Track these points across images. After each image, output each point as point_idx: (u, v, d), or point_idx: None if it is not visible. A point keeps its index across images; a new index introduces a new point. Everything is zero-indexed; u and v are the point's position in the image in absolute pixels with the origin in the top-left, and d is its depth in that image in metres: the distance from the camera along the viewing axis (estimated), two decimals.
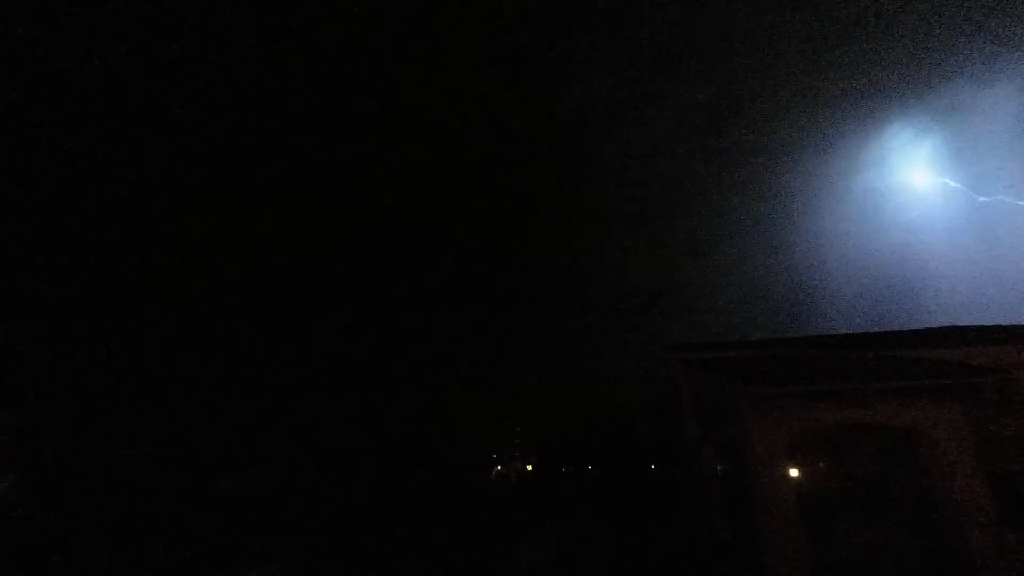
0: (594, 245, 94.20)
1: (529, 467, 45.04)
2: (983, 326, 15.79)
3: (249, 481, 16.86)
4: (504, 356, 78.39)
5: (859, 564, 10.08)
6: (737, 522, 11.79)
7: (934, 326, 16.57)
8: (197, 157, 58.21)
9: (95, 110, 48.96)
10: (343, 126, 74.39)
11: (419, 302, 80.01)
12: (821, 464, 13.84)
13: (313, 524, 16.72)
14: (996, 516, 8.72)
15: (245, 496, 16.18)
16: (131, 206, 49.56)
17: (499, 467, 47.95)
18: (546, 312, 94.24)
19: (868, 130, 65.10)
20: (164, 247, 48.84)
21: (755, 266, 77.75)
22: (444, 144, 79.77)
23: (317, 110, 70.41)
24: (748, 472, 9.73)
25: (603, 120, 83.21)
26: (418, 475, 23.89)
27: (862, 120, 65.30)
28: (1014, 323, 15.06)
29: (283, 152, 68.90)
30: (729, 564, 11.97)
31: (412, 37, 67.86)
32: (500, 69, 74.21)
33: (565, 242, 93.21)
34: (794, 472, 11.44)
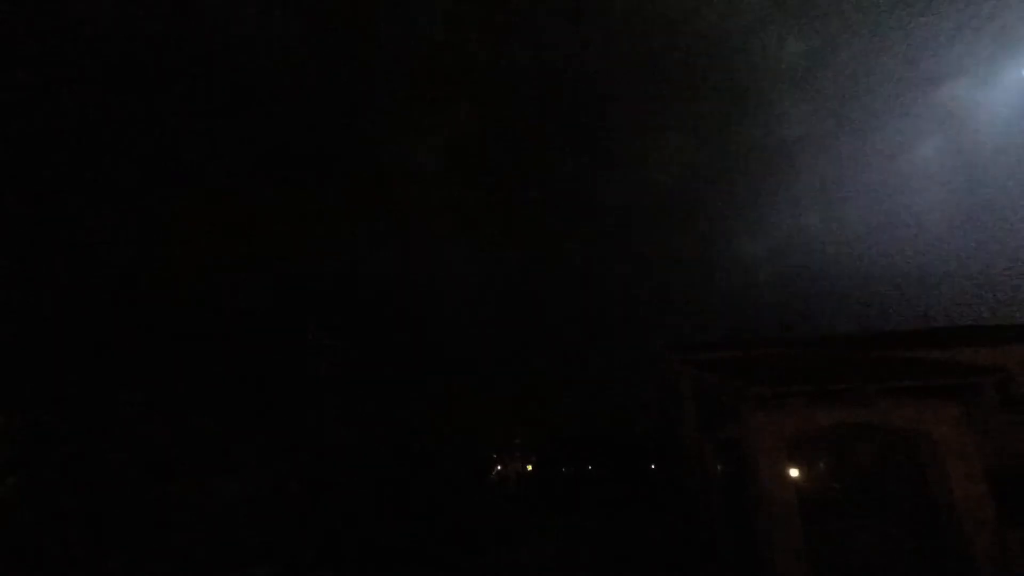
0: (594, 244, 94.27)
1: (529, 467, 45.00)
2: (983, 326, 15.80)
3: (243, 480, 16.81)
4: (505, 356, 78.37)
5: (859, 564, 10.07)
6: (737, 522, 11.79)
7: (934, 326, 16.55)
8: (196, 156, 58.24)
9: (94, 108, 48.97)
10: (346, 125, 74.42)
11: (418, 302, 80.00)
12: (821, 464, 13.86)
13: (310, 524, 16.70)
14: (996, 516, 8.72)
15: (239, 495, 16.14)
16: (130, 205, 49.55)
17: (499, 467, 47.94)
18: (546, 312, 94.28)
19: (871, 129, 65.13)
20: (164, 246, 48.82)
21: (756, 266, 77.75)
22: (443, 143, 79.82)
23: (317, 109, 70.44)
24: (748, 472, 9.73)
25: (605, 118, 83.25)
26: (418, 475, 23.88)
27: (865, 119, 65.30)
28: (1014, 323, 15.06)
29: (283, 151, 68.92)
30: (729, 564, 11.97)
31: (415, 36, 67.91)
32: (500, 68, 74.23)
33: (566, 242, 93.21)
34: (794, 472, 11.43)
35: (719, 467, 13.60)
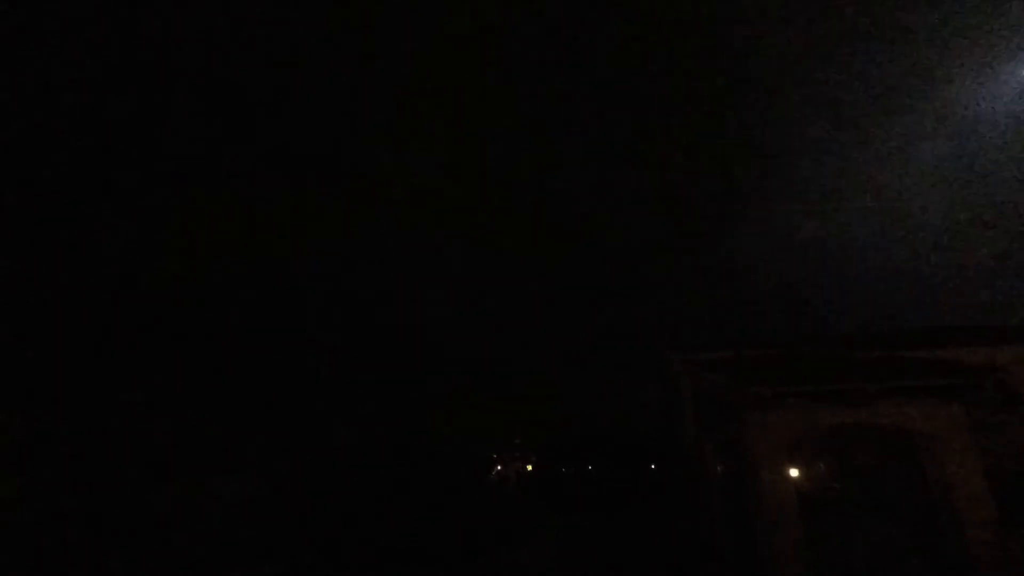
0: (594, 244, 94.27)
1: (529, 467, 45.02)
2: (982, 326, 15.80)
3: (243, 480, 16.82)
4: (505, 356, 78.37)
5: (859, 564, 10.08)
6: (737, 522, 11.79)
7: (934, 326, 16.56)
8: (196, 156, 58.21)
9: (92, 107, 48.96)
10: (347, 124, 74.41)
11: (419, 301, 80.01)
12: (821, 464, 13.85)
13: (309, 524, 16.70)
14: (996, 516, 8.72)
15: (239, 495, 16.15)
16: (130, 205, 49.55)
17: (499, 467, 48.01)
18: (546, 312, 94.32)
19: (872, 129, 65.16)
20: (164, 246, 48.83)
21: (755, 266, 77.79)
22: (439, 143, 79.86)
23: (317, 109, 70.44)
24: (748, 472, 9.73)
25: (602, 116, 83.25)
26: (418, 475, 23.90)
27: (866, 119, 65.33)
28: (1014, 323, 15.07)
29: (283, 151, 68.89)
30: (729, 564, 11.98)
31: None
32: (496, 66, 74.22)
33: (565, 240, 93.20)
34: (794, 472, 11.44)
35: (719, 467, 13.60)
